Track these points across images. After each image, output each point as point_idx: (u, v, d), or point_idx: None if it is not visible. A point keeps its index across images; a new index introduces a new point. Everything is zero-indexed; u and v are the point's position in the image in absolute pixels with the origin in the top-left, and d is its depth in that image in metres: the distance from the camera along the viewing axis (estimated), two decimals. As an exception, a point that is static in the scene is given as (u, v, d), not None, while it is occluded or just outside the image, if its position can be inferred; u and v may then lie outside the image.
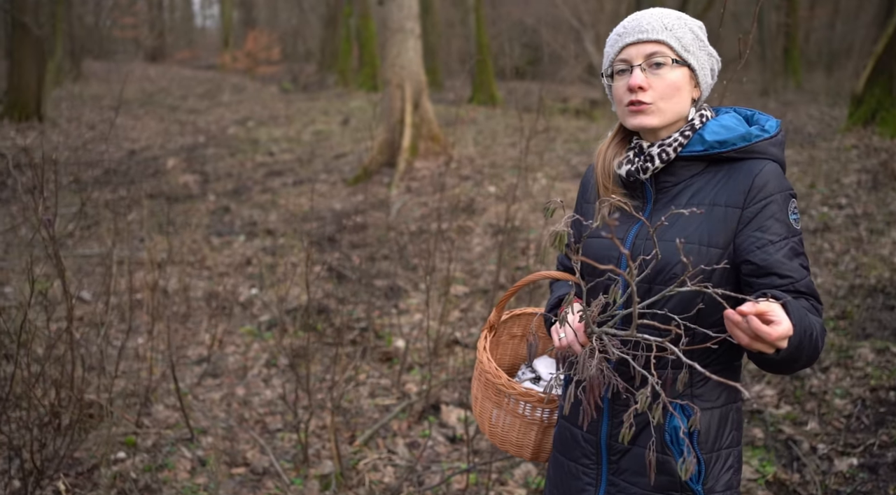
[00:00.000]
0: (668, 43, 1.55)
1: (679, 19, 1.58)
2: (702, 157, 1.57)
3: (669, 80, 1.55)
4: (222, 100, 18.28)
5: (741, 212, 1.51)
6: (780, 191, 1.51)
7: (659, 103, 1.55)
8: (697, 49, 1.58)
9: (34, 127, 13.35)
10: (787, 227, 1.49)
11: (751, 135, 1.55)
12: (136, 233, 7.24)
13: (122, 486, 3.17)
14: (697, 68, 1.58)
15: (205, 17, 47.95)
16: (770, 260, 1.47)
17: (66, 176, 10.09)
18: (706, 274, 1.49)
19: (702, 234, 1.52)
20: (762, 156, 1.54)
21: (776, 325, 1.28)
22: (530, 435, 1.85)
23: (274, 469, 3.33)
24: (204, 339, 4.82)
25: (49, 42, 13.96)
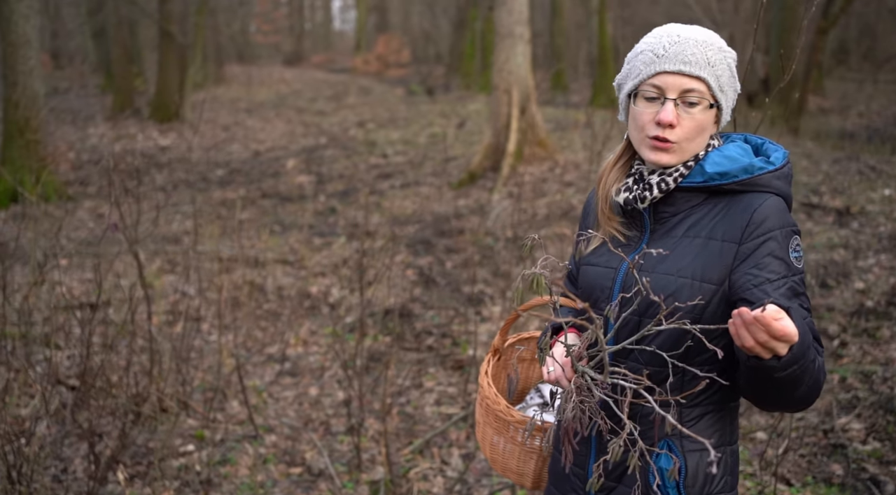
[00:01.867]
0: (707, 81, 1.45)
1: (720, 52, 1.47)
2: (702, 189, 1.49)
3: (698, 120, 1.46)
4: (348, 102, 18.89)
5: (738, 248, 1.43)
6: (781, 227, 1.42)
7: (682, 143, 1.47)
8: (729, 87, 1.50)
9: (174, 128, 14.34)
10: (786, 266, 1.41)
11: (753, 168, 1.46)
12: (247, 231, 7.61)
13: (186, 478, 3.35)
14: (725, 109, 1.51)
15: (343, 21, 49.86)
16: (766, 298, 1.37)
17: (195, 174, 10.76)
18: (698, 310, 1.42)
19: (695, 269, 1.44)
20: (764, 190, 1.45)
21: (785, 322, 1.21)
22: (530, 463, 1.79)
23: (329, 471, 3.41)
24: (288, 338, 5.00)
25: (191, 49, 14.93)
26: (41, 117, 8.35)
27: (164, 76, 14.77)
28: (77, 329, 4.75)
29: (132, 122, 14.81)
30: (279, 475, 3.43)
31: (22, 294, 4.28)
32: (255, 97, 20.07)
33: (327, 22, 45.50)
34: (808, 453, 3.33)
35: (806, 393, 1.36)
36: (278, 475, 3.42)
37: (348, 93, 20.89)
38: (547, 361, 1.59)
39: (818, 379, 1.36)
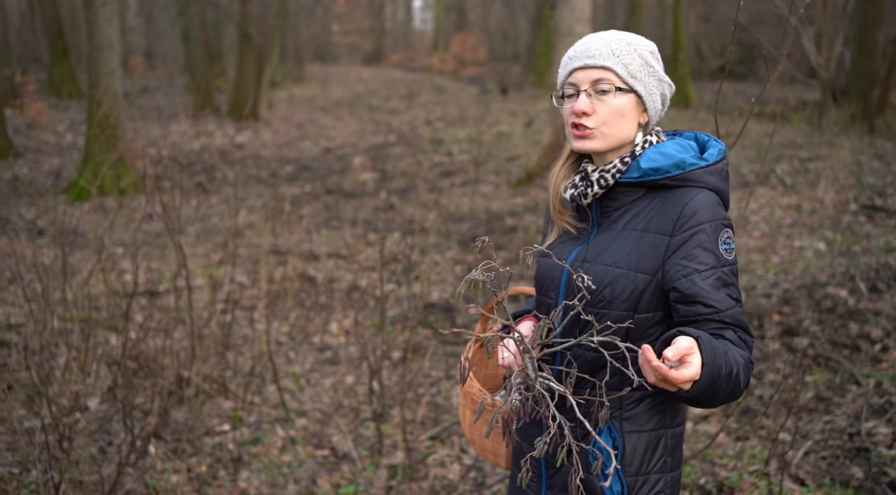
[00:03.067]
0: (613, 69, 1.56)
1: (629, 45, 1.58)
2: (640, 184, 1.58)
3: (613, 106, 1.56)
4: (420, 100, 19.13)
5: (669, 240, 1.52)
6: (711, 220, 1.51)
7: (602, 128, 1.57)
8: (646, 75, 1.59)
9: (250, 126, 14.87)
10: (715, 257, 1.49)
11: (685, 164, 1.55)
12: (307, 226, 7.88)
13: (219, 455, 3.56)
14: (644, 95, 1.59)
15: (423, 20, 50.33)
16: (694, 288, 1.47)
17: (265, 170, 11.16)
18: (634, 298, 1.53)
19: (631, 260, 1.54)
20: (696, 185, 1.54)
21: (685, 368, 1.30)
22: (503, 445, 1.88)
23: (352, 454, 3.56)
24: (331, 328, 5.19)
25: (268, 49, 15.45)
26: (120, 115, 8.84)
27: (241, 76, 15.33)
28: (136, 315, 5.06)
29: (211, 119, 15.43)
30: (306, 456, 3.60)
31: (86, 281, 4.60)
32: (331, 96, 20.57)
33: (408, 21, 46.03)
34: (829, 455, 3.27)
35: (725, 398, 1.42)
36: (305, 456, 3.60)
37: (422, 91, 21.16)
38: (499, 349, 1.68)
39: (739, 382, 1.42)
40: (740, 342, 1.46)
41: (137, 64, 27.67)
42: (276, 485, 3.35)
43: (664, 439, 1.60)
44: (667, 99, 1.64)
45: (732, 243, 1.53)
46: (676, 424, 1.62)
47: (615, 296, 1.53)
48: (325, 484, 3.38)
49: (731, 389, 1.40)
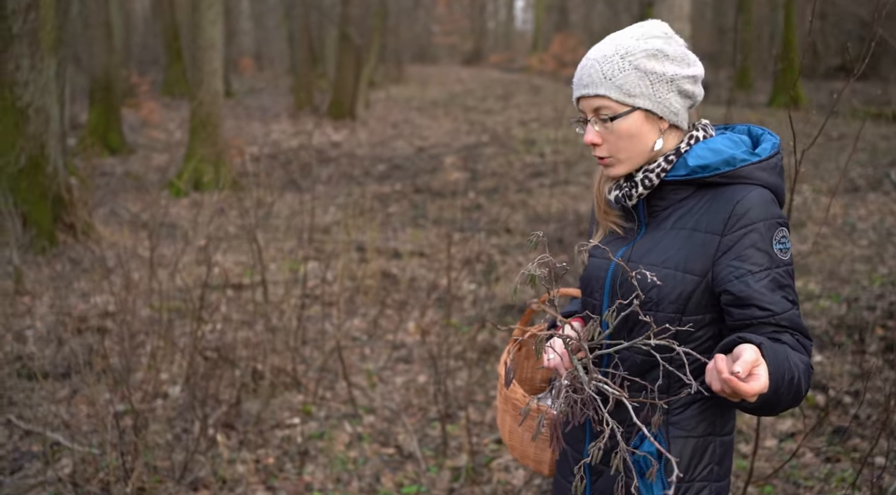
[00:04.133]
0: (608, 96, 1.48)
1: (622, 59, 1.47)
2: (688, 182, 1.52)
3: (620, 130, 1.50)
4: (517, 101, 19.02)
5: (720, 240, 1.45)
6: (765, 219, 1.43)
7: (618, 155, 1.52)
8: (647, 87, 1.48)
9: (347, 125, 15.17)
10: (769, 257, 1.42)
11: (735, 160, 1.47)
12: (393, 224, 7.94)
13: (287, 448, 3.61)
14: (652, 107, 1.49)
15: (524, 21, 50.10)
16: (748, 291, 1.41)
17: (358, 169, 11.34)
18: (682, 299, 1.47)
19: (679, 260, 1.48)
20: (748, 182, 1.47)
21: (754, 381, 1.25)
22: (547, 451, 1.81)
23: (416, 454, 3.53)
24: (407, 326, 5.19)
25: (367, 50, 15.71)
26: (220, 114, 9.17)
27: (340, 76, 15.66)
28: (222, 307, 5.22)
29: (311, 118, 15.84)
30: (371, 453, 3.59)
31: (173, 272, 4.77)
32: (428, 96, 20.73)
33: (509, 21, 45.93)
34: (929, 487, 2.99)
35: (788, 404, 1.37)
36: (370, 453, 3.59)
37: (519, 92, 21.03)
38: (546, 350, 1.61)
39: (800, 389, 1.36)
40: (799, 346, 1.39)
41: (247, 65, 28.79)
42: (340, 481, 3.36)
43: (712, 446, 1.53)
44: (691, 91, 1.51)
45: (788, 243, 1.46)
46: (726, 432, 1.56)
47: (662, 297, 1.47)
48: (389, 482, 3.36)
49: (794, 396, 1.34)
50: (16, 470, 3.46)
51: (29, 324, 5.04)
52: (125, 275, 5.19)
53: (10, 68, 6.38)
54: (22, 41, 6.37)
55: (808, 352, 1.41)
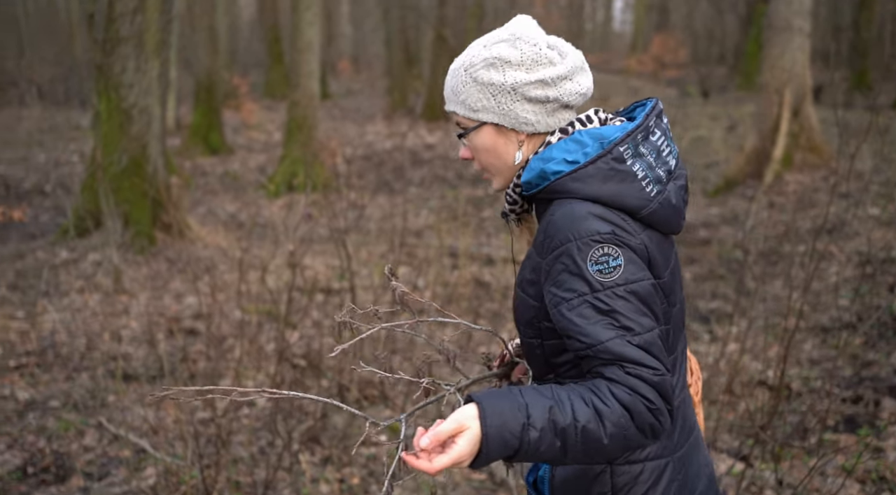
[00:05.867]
0: (457, 113, 1.40)
1: (465, 72, 1.37)
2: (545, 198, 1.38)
3: (476, 146, 1.41)
4: (614, 103, 18.47)
5: (541, 263, 1.32)
6: (575, 240, 1.25)
7: (488, 168, 1.43)
8: (489, 99, 1.35)
9: (441, 127, 15.06)
10: (584, 282, 1.24)
11: (547, 173, 1.31)
12: (487, 229, 7.72)
13: (373, 467, 3.42)
14: (498, 120, 1.36)
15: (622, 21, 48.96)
16: (563, 321, 1.26)
17: (451, 171, 11.18)
18: (534, 324, 1.37)
19: (523, 283, 1.38)
20: (564, 196, 1.30)
21: (442, 455, 1.18)
22: None
23: (509, 482, 3.28)
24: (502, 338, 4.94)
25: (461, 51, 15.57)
26: (316, 115, 9.18)
27: (435, 77, 15.56)
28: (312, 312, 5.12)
29: (405, 120, 15.81)
30: (461, 478, 3.37)
31: (262, 275, 4.70)
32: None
33: (607, 22, 45.01)
34: None
35: (591, 458, 1.23)
36: (460, 478, 3.37)
37: (616, 93, 20.43)
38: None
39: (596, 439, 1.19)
40: (629, 378, 1.20)
41: (345, 67, 29.25)
42: (427, 507, 3.15)
43: (604, 476, 1.36)
44: (541, 96, 1.34)
45: (612, 260, 1.24)
46: (633, 460, 1.36)
47: (519, 320, 1.39)
48: (479, 512, 3.13)
49: (581, 446, 1.19)
50: (103, 477, 3.42)
51: (125, 323, 5.07)
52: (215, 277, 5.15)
53: (117, 70, 6.51)
54: (128, 44, 6.49)
55: (648, 385, 1.20)
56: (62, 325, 4.98)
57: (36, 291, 5.56)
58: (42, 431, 3.77)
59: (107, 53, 6.49)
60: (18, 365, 4.48)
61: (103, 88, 6.51)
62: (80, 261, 6.24)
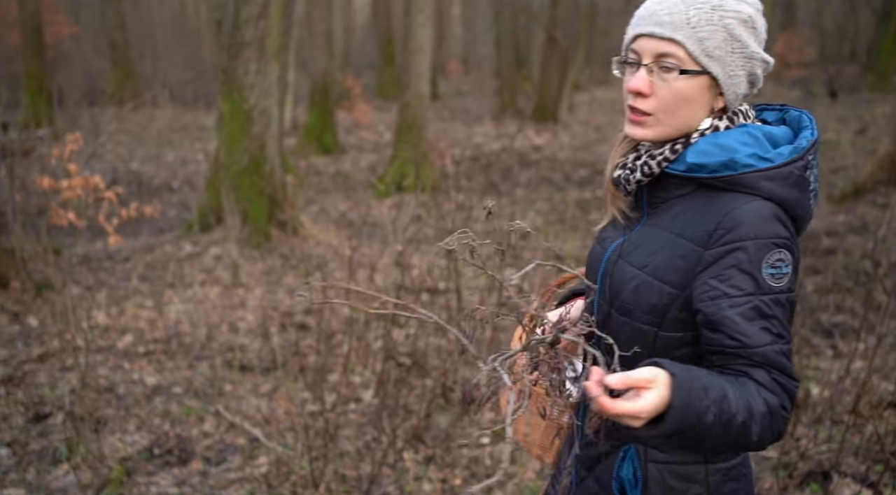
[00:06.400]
0: (684, 45, 1.25)
1: (712, 11, 1.25)
2: (688, 179, 1.31)
3: (677, 89, 1.27)
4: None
5: (703, 253, 1.26)
6: (756, 238, 1.22)
7: (660, 115, 1.30)
8: (728, 53, 1.26)
9: (549, 128, 14.95)
10: (754, 282, 1.22)
11: (736, 164, 1.25)
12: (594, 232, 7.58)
13: (475, 469, 3.43)
14: (722, 78, 1.27)
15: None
16: (720, 315, 1.22)
17: (559, 173, 11.07)
18: (658, 312, 1.31)
19: (657, 267, 1.31)
20: (749, 191, 1.24)
21: (631, 401, 1.11)
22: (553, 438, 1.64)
23: (614, 494, 3.22)
24: (607, 346, 4.85)
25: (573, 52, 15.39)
26: (426, 116, 9.30)
27: (545, 79, 15.46)
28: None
29: (514, 121, 15.78)
30: (564, 486, 3.32)
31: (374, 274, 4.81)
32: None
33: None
34: None
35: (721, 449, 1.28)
36: (563, 486, 3.33)
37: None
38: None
39: (744, 434, 1.17)
40: (774, 385, 1.20)
41: (454, 68, 29.50)
42: (528, 513, 3.13)
43: (703, 475, 1.34)
44: (759, 78, 1.32)
45: (785, 267, 1.22)
46: (726, 460, 1.35)
47: (637, 305, 1.31)
48: (582, 521, 3.08)
49: (732, 439, 1.17)
50: (220, 462, 3.59)
51: (241, 316, 5.31)
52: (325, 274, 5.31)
53: (240, 73, 6.82)
54: (251, 48, 6.78)
55: (786, 394, 1.20)
56: (185, 316, 5.27)
57: (163, 283, 5.91)
58: (167, 415, 4.00)
59: (231, 57, 6.81)
60: (147, 351, 4.77)
61: (227, 91, 6.83)
62: (203, 255, 6.58)
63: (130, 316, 5.22)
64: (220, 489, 3.35)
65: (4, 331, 5.03)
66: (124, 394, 4.21)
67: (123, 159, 12.41)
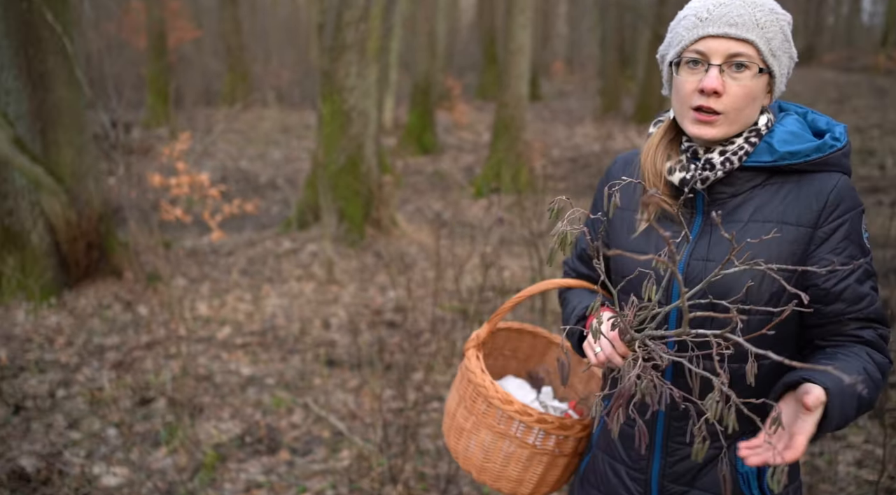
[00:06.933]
0: (756, 44, 1.31)
1: (772, 13, 1.33)
2: (767, 168, 1.37)
3: (748, 87, 1.33)
4: (854, 105, 16.81)
5: (814, 232, 1.34)
6: (854, 209, 1.34)
7: (730, 113, 1.33)
8: (783, 52, 1.35)
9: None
10: (860, 249, 1.34)
11: (825, 146, 1.35)
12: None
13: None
14: (778, 76, 1.36)
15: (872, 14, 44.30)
16: (841, 285, 1.32)
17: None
18: (774, 301, 1.33)
19: (769, 256, 1.33)
20: (834, 169, 1.35)
21: (791, 450, 1.15)
22: (536, 467, 1.59)
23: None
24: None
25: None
26: (524, 116, 9.26)
27: (649, 79, 15.10)
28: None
29: (616, 122, 15.49)
30: None
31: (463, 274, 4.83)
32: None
33: (853, 15, 40.97)
34: None
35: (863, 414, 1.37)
36: None
37: (857, 95, 18.57)
38: (590, 343, 1.40)
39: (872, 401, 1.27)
40: (878, 339, 1.33)
41: (558, 69, 29.23)
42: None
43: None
44: (789, 76, 1.41)
45: (866, 230, 1.37)
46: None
47: (754, 301, 1.32)
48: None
49: (865, 409, 1.27)
50: (306, 453, 3.70)
51: (333, 312, 5.45)
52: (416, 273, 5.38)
53: (341, 75, 7.00)
54: (352, 50, 6.95)
55: (886, 343, 1.34)
56: (281, 310, 5.46)
57: (262, 277, 6.14)
58: (258, 405, 4.16)
59: (333, 59, 7.00)
60: (244, 343, 4.97)
61: (328, 92, 7.03)
62: (300, 252, 6.80)
63: (230, 308, 5.46)
64: (305, 479, 3.45)
65: (118, 318, 5.37)
66: (221, 383, 4.41)
67: (233, 157, 12.98)
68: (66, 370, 4.58)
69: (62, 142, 5.56)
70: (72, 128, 5.61)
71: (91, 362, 4.69)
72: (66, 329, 5.17)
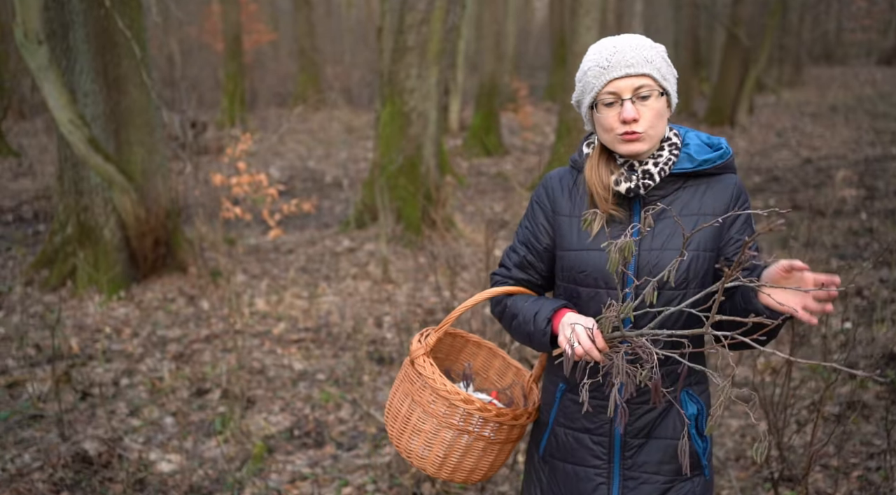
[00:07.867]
0: (652, 75, 1.67)
1: (653, 48, 1.70)
2: (687, 173, 1.74)
3: (655, 109, 1.68)
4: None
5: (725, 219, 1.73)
6: (748, 199, 1.76)
7: (649, 131, 1.69)
8: (669, 75, 1.72)
9: (725, 132, 14.19)
10: (751, 227, 1.75)
11: (725, 154, 1.76)
12: (759, 242, 7.14)
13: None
14: (672, 92, 1.73)
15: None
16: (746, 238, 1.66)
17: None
18: (706, 276, 1.72)
19: (701, 241, 1.72)
20: (730, 171, 1.78)
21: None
22: (489, 456, 1.84)
23: None
24: (759, 362, 4.56)
25: (756, 51, 14.51)
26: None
27: (723, 79, 14.72)
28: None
29: (686, 124, 15.15)
30: None
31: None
32: (827, 100, 18.48)
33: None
34: None
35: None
36: None
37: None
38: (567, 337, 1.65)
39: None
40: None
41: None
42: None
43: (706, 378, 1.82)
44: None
45: None
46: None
47: (692, 277, 1.70)
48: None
49: None
50: (351, 448, 3.78)
51: (387, 310, 5.53)
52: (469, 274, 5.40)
53: (402, 77, 7.09)
54: (413, 53, 7.03)
55: None
56: (336, 307, 5.58)
57: (319, 275, 6.28)
58: (308, 400, 4.26)
59: (394, 61, 7.09)
60: (298, 339, 5.10)
61: (388, 93, 7.13)
62: (357, 251, 6.92)
63: (287, 304, 5.61)
64: (348, 473, 3.53)
65: (181, 312, 5.58)
66: (273, 377, 4.54)
67: (302, 157, 13.27)
68: (130, 360, 4.79)
69: (134, 142, 5.82)
70: (143, 128, 5.86)
71: (154, 353, 4.90)
72: (133, 321, 5.41)
